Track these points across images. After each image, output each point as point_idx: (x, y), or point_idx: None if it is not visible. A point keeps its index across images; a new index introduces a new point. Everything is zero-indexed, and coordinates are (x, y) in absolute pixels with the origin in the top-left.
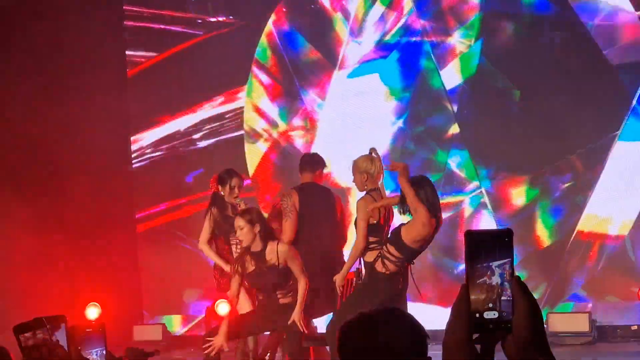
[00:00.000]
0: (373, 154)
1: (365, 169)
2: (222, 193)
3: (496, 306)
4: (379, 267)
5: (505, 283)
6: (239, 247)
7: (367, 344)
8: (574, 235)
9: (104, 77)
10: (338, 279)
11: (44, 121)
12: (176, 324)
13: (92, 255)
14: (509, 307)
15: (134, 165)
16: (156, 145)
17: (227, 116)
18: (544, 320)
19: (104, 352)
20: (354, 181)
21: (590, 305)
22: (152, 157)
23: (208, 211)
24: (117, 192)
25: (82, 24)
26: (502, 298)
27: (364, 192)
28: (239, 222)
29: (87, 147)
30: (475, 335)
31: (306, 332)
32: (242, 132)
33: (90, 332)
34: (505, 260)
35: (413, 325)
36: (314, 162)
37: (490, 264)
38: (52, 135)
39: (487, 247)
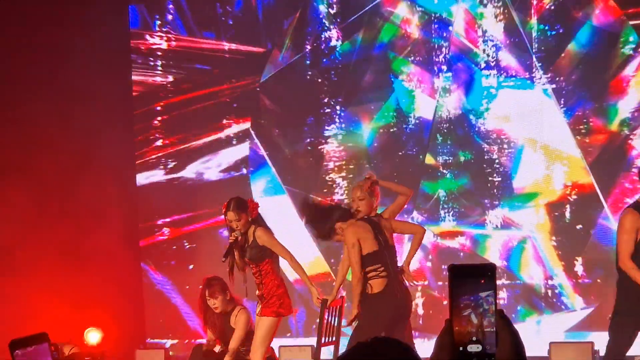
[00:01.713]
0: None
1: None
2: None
3: (480, 339)
4: (367, 290)
5: (489, 316)
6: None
7: None
8: (577, 264)
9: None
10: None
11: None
12: (180, 348)
13: (92, 276)
14: (492, 340)
15: (138, 183)
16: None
17: (232, 141)
18: (547, 351)
19: None
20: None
21: (592, 335)
22: (158, 178)
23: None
24: (120, 207)
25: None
26: (486, 331)
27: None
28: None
29: (91, 158)
30: None
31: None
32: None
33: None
34: (489, 294)
35: (409, 356)
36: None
37: (474, 297)
38: (50, 145)
39: (471, 281)
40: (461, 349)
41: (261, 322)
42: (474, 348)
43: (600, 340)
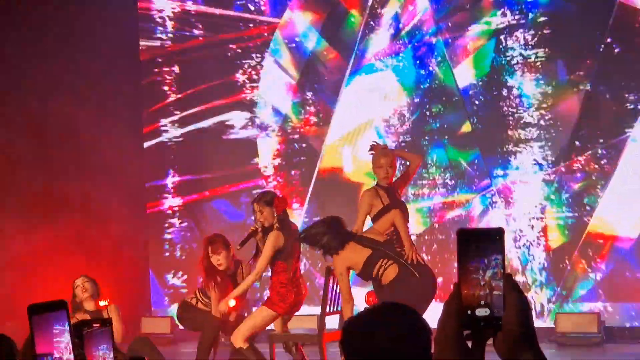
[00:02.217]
0: (384, 148)
1: (381, 163)
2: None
3: (488, 303)
4: (382, 281)
5: (497, 280)
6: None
7: (369, 339)
8: (584, 235)
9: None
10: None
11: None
12: None
13: (97, 243)
14: (500, 304)
15: (145, 145)
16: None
17: (240, 107)
18: (553, 320)
19: (111, 349)
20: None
21: (599, 306)
22: (165, 139)
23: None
24: (128, 172)
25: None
26: (494, 294)
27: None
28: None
29: (100, 124)
30: (466, 332)
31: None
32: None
33: (97, 327)
34: (497, 258)
35: (417, 321)
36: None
37: (482, 261)
38: (61, 113)
39: (479, 245)
40: (469, 312)
41: (258, 310)
42: (481, 312)
43: (607, 311)
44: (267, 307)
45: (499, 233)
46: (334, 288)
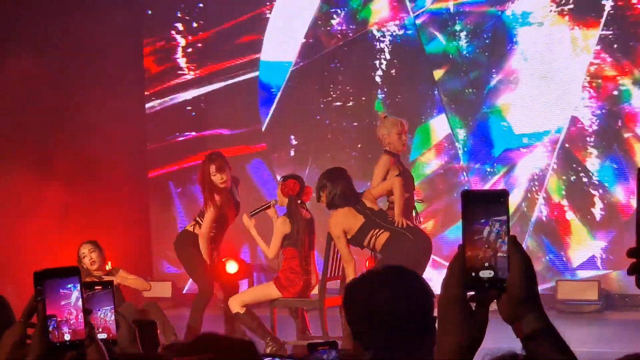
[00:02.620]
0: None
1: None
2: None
3: (492, 265)
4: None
5: (501, 242)
6: None
7: (371, 300)
8: (585, 201)
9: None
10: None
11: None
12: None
13: (98, 207)
14: (504, 266)
15: (147, 105)
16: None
17: (243, 62)
18: (553, 287)
19: (112, 311)
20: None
21: (600, 273)
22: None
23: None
24: (128, 135)
25: None
26: (498, 256)
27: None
28: None
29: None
30: (470, 294)
31: None
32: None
33: (99, 289)
34: (502, 219)
35: (419, 284)
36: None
37: (487, 222)
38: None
39: (483, 206)
40: (473, 274)
41: (265, 285)
42: (486, 274)
43: (607, 279)
44: (275, 286)
45: (503, 195)
46: (334, 254)
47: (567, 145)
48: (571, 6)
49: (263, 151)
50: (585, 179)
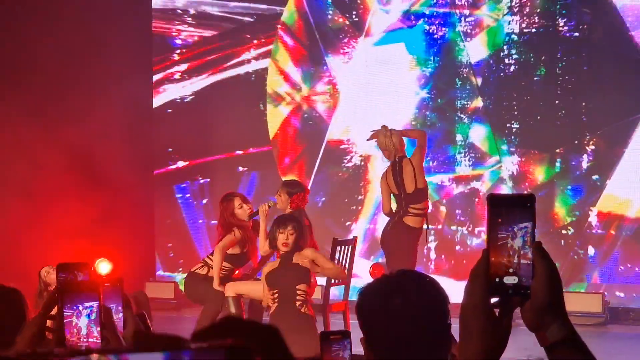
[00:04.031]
0: (386, 131)
1: (385, 145)
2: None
3: (516, 271)
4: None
5: (526, 248)
6: None
7: (385, 305)
8: (592, 214)
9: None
10: None
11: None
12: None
13: (103, 207)
14: (528, 273)
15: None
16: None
17: (250, 77)
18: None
19: (121, 307)
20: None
21: (604, 286)
22: (174, 104)
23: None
24: (136, 135)
25: None
26: (522, 262)
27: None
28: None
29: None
30: (493, 300)
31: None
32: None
33: (107, 287)
34: (527, 225)
35: (434, 289)
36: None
37: (512, 228)
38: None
39: (509, 211)
40: (497, 280)
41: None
42: (510, 280)
43: (612, 291)
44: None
45: (530, 200)
46: (340, 260)
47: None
48: None
49: (268, 151)
50: (592, 189)
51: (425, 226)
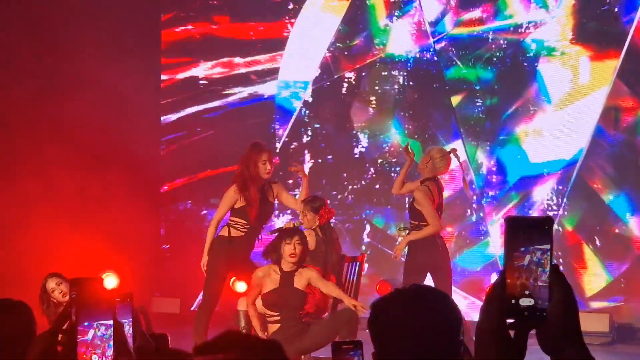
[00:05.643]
0: (451, 154)
1: (433, 156)
2: None
3: (532, 293)
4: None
5: (543, 271)
6: None
7: (398, 320)
8: (599, 232)
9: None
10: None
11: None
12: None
13: (110, 223)
14: (545, 295)
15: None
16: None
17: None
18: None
19: (131, 323)
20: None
21: (610, 305)
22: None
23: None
24: (144, 154)
25: None
26: (539, 285)
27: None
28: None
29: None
30: (509, 321)
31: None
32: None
33: (118, 302)
34: (544, 248)
35: (448, 306)
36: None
37: (529, 250)
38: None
39: (526, 233)
40: (513, 301)
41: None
42: (526, 302)
43: (618, 311)
44: None
45: (548, 222)
46: (348, 276)
47: (582, 175)
48: (592, 37)
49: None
50: (599, 210)
51: None
